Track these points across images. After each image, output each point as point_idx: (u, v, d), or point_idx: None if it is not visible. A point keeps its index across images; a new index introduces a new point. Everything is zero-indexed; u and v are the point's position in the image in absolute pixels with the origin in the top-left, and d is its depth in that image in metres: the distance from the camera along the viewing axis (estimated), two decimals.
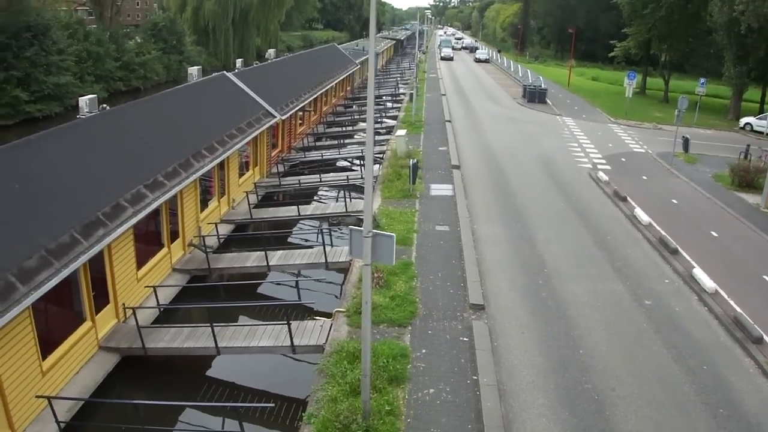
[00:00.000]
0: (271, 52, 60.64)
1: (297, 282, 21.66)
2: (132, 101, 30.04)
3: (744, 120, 59.79)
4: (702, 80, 59.16)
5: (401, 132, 39.61)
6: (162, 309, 21.65)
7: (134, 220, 20.12)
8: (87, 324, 18.47)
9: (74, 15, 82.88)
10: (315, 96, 50.10)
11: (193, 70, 40.50)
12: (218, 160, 27.63)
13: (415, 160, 30.90)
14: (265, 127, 35.06)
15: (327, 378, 16.19)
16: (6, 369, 14.68)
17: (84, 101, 27.93)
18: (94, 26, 79.34)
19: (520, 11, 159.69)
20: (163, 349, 18.89)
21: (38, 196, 18.08)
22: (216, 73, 39.66)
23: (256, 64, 52.52)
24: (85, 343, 18.26)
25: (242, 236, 29.82)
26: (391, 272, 21.75)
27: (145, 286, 22.12)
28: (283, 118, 38.81)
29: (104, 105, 29.95)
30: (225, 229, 28.92)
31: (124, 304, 20.33)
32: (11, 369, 14.86)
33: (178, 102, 31.10)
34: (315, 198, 37.00)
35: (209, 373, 19.87)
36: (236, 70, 41.55)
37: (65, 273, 16.22)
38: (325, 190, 38.24)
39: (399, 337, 18.36)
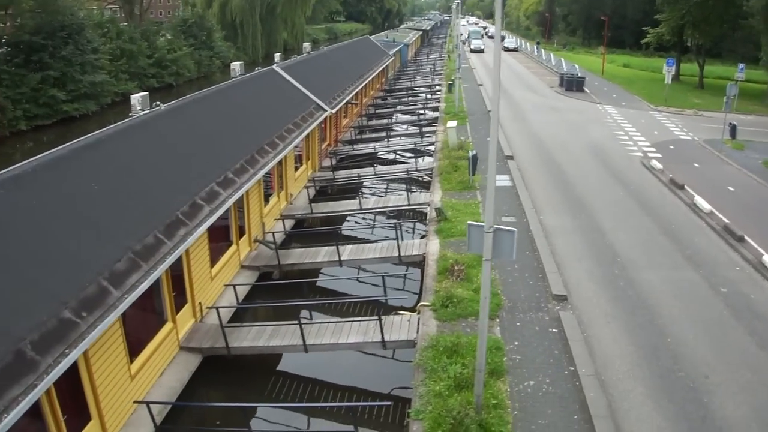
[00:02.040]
0: (307, 45, 60.47)
1: (383, 277, 21.39)
2: (188, 97, 29.95)
3: None
4: (741, 66, 58.31)
5: (452, 123, 39.36)
6: (242, 307, 21.72)
7: (212, 219, 20.07)
8: (169, 325, 18.37)
9: (104, 13, 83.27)
10: (358, 89, 50.00)
11: (236, 66, 40.47)
12: (280, 156, 27.67)
13: (475, 152, 30.70)
14: (318, 121, 35.10)
15: (427, 373, 16.14)
16: (100, 374, 14.54)
17: (137, 99, 27.84)
18: (125, 24, 79.63)
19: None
20: (247, 348, 18.71)
21: (117, 197, 18.02)
22: (265, 68, 39.59)
23: (296, 57, 52.53)
24: (167, 344, 18.15)
25: (307, 231, 29.82)
26: (468, 264, 21.67)
27: (225, 285, 22.18)
28: (333, 111, 38.76)
29: (157, 102, 29.98)
30: (286, 225, 28.93)
31: (200, 303, 20.29)
32: (105, 374, 14.73)
33: (234, 97, 31.13)
34: (371, 191, 36.76)
35: (285, 369, 19.94)
36: (276, 63, 41.44)
37: (155, 275, 16.09)
38: (381, 183, 37.88)
39: (489, 330, 18.25)
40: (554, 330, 18.66)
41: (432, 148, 41.57)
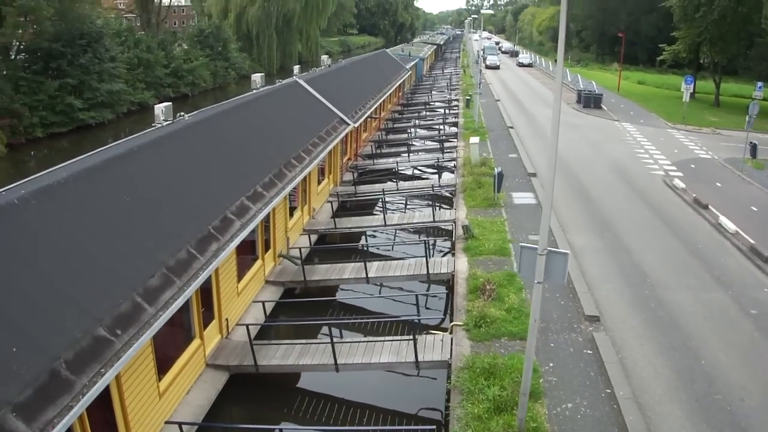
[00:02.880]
0: (325, 57, 60.56)
1: (417, 296, 21.19)
2: (214, 108, 29.88)
3: None
4: (759, 84, 57.92)
5: (474, 140, 39.32)
6: (271, 325, 21.53)
7: (244, 234, 19.84)
8: (196, 341, 18.00)
9: (122, 21, 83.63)
10: (378, 102, 49.99)
11: (257, 77, 40.42)
12: (308, 170, 27.54)
13: (500, 169, 30.58)
14: (342, 135, 35.06)
15: (464, 395, 15.96)
16: (130, 393, 14.15)
17: (160, 109, 27.76)
18: (142, 33, 79.90)
19: (558, 14, 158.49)
20: (276, 366, 18.41)
21: (148, 209, 17.69)
22: (287, 79, 39.59)
23: (316, 69, 52.56)
24: (194, 361, 17.77)
25: (332, 248, 29.70)
26: (498, 284, 21.53)
27: (254, 301, 22.02)
28: (356, 125, 38.72)
29: (182, 113, 29.90)
30: (309, 240, 28.76)
31: (227, 319, 20.01)
32: (134, 392, 14.35)
33: (260, 109, 30.99)
34: (393, 206, 36.33)
35: (309, 387, 19.73)
36: (296, 75, 41.40)
37: (189, 292, 15.76)
38: (403, 199, 37.64)
39: (523, 350, 18.03)
40: (589, 351, 18.50)
41: (452, 164, 41.37)
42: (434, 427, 15.22)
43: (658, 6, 79.72)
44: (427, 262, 23.87)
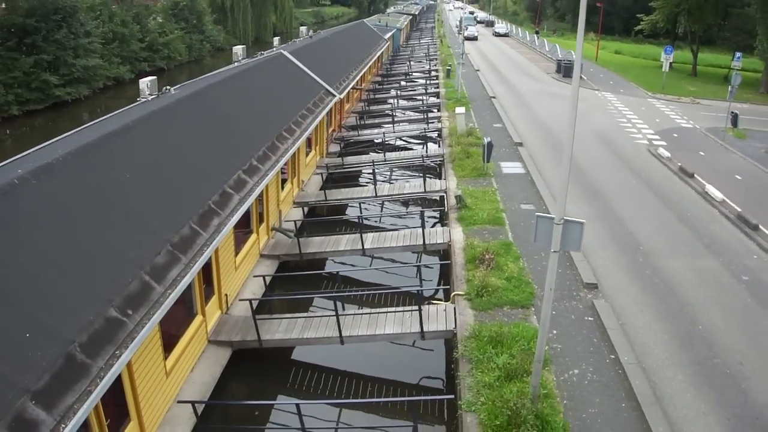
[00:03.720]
0: (303, 29, 60.20)
1: (419, 268, 21.30)
2: (204, 81, 29.64)
3: None
4: (738, 54, 58.29)
5: (460, 110, 39.33)
6: (274, 299, 21.56)
7: (243, 208, 19.68)
8: (198, 318, 17.74)
9: None
10: (361, 73, 49.75)
11: (238, 49, 40.25)
12: (299, 142, 27.38)
13: (489, 139, 30.62)
14: (329, 106, 34.88)
15: (473, 364, 16.09)
16: (140, 373, 13.87)
17: (145, 83, 27.56)
18: (115, 6, 78.61)
19: None
20: (279, 340, 18.32)
21: (149, 186, 17.42)
22: (273, 52, 39.28)
23: (297, 41, 52.20)
24: (197, 338, 17.55)
25: (326, 220, 29.76)
26: (497, 253, 21.65)
27: (254, 276, 21.95)
28: (341, 96, 38.55)
29: (167, 87, 29.60)
30: (299, 212, 28.66)
31: (226, 295, 19.85)
32: (144, 372, 14.08)
33: (249, 81, 30.72)
34: (382, 177, 35.97)
35: (307, 360, 19.77)
36: (276, 47, 41.04)
37: (196, 269, 15.56)
38: (390, 170, 37.59)
39: (526, 319, 18.30)
40: (590, 318, 18.75)
41: (437, 134, 41.32)
42: (453, 396, 15.33)
43: None
44: (423, 233, 23.89)
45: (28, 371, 10.23)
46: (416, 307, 18.01)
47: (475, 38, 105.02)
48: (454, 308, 18.84)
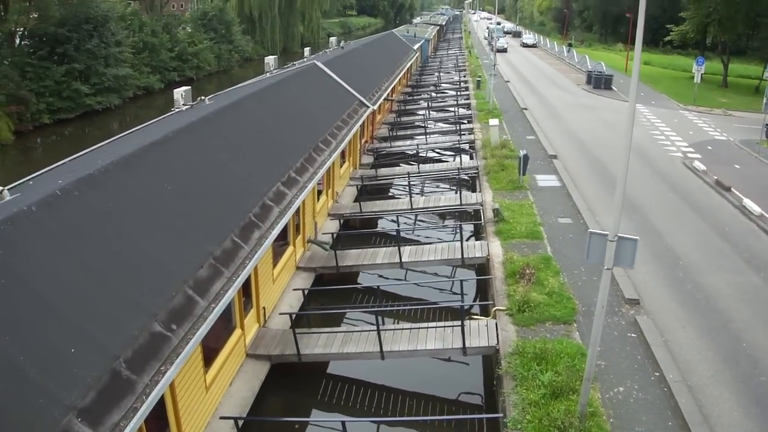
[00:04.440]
0: (333, 40, 60.36)
1: (461, 282, 21.11)
2: (237, 91, 29.70)
3: None
4: None
5: (494, 122, 39.12)
6: (311, 313, 21.47)
7: (284, 221, 19.66)
8: (237, 332, 17.63)
9: (129, 4, 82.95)
10: (393, 84, 49.75)
11: (270, 60, 40.45)
12: (336, 154, 27.39)
13: (525, 152, 30.43)
14: (363, 117, 34.85)
15: (517, 381, 15.91)
16: (181, 388, 13.77)
17: (179, 93, 27.70)
18: (145, 16, 79.28)
19: None
20: (319, 355, 18.17)
21: (190, 197, 17.38)
22: (306, 62, 39.35)
23: (327, 51, 52.30)
24: (236, 352, 17.45)
25: (362, 233, 29.54)
26: (536, 267, 21.46)
27: (294, 289, 21.84)
28: (374, 108, 38.53)
29: (201, 97, 29.69)
30: (334, 224, 28.59)
31: (264, 308, 19.73)
32: (185, 387, 14.00)
33: (283, 92, 30.70)
34: (416, 190, 35.66)
35: (345, 374, 19.60)
36: (307, 58, 41.00)
37: (238, 282, 15.47)
38: (424, 182, 37.39)
39: (568, 335, 18.09)
40: (633, 335, 18.50)
41: (469, 146, 41.15)
42: (501, 414, 15.14)
43: None
44: (461, 247, 23.71)
45: (73, 388, 10.11)
46: (458, 323, 17.85)
47: (505, 50, 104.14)
48: (496, 324, 18.64)
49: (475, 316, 19.76)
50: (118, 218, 14.60)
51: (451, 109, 54.61)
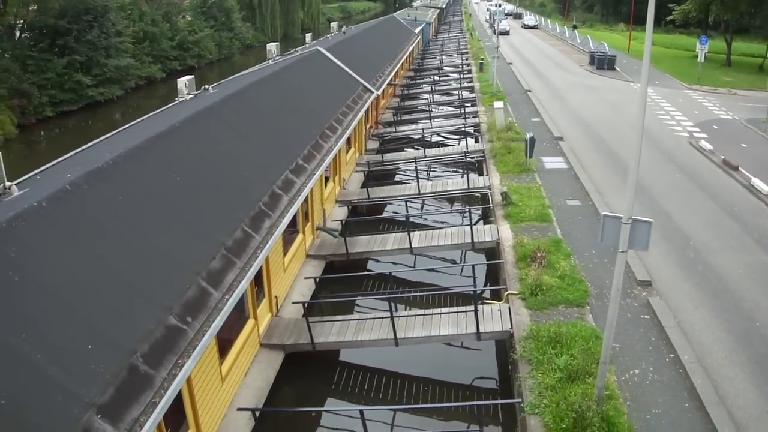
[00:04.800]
0: (334, 25, 60.09)
1: (473, 267, 21.12)
2: (240, 79, 29.56)
3: None
4: None
5: (499, 104, 38.93)
6: (325, 301, 21.38)
7: (294, 209, 19.58)
8: (251, 322, 17.53)
9: None
10: (396, 68, 49.56)
11: (272, 47, 40.25)
12: (342, 140, 27.29)
13: (532, 134, 30.28)
14: (368, 103, 34.74)
15: (533, 365, 15.89)
16: (198, 380, 13.70)
17: (183, 83, 27.60)
18: (144, 5, 78.86)
19: None
20: (333, 343, 18.15)
21: (199, 188, 17.29)
22: (309, 48, 39.18)
23: (330, 36, 52.11)
24: (250, 342, 17.35)
25: (370, 219, 29.42)
26: (547, 250, 21.38)
27: (306, 278, 21.80)
28: (379, 93, 38.39)
29: (205, 86, 29.59)
30: (342, 211, 28.50)
31: (276, 297, 19.64)
32: (201, 379, 13.92)
33: (287, 79, 30.56)
34: (423, 175, 35.09)
35: (358, 362, 19.56)
36: (309, 44, 40.80)
37: (251, 273, 15.41)
38: (432, 167, 37.24)
39: (582, 318, 18.06)
40: (646, 317, 18.47)
41: (473, 129, 41.00)
42: (519, 399, 15.11)
43: None
44: (471, 230, 23.61)
45: (92, 384, 10.06)
46: (471, 308, 17.79)
47: (507, 33, 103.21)
48: (509, 308, 18.60)
49: (487, 301, 19.60)
50: (128, 211, 14.52)
51: (455, 92, 54.32)
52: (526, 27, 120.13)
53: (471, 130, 40.82)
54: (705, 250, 23.16)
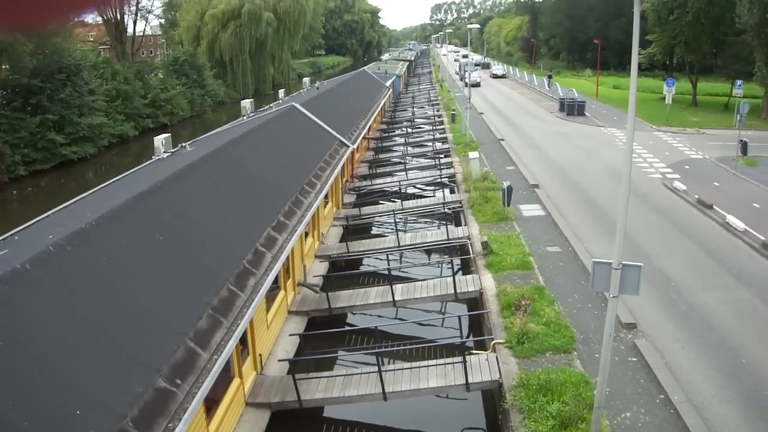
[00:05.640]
0: (306, 80, 60.65)
1: (459, 318, 21.08)
2: (217, 136, 29.64)
3: None
4: (739, 82, 58.85)
5: (474, 154, 39.27)
6: (315, 358, 21.18)
7: (277, 266, 19.53)
8: (236, 381, 17.20)
9: (100, 53, 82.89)
10: (369, 122, 49.92)
11: (246, 103, 40.87)
12: (321, 196, 27.35)
13: (509, 183, 30.54)
14: (344, 157, 34.90)
15: (524, 413, 15.83)
16: None
17: (160, 141, 27.82)
18: (116, 64, 79.21)
19: (527, 24, 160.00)
20: (320, 399, 17.88)
21: (183, 247, 17.32)
22: (284, 104, 39.49)
23: (303, 92, 52.52)
24: (236, 402, 16.98)
25: (353, 273, 29.11)
26: (529, 297, 21.46)
27: (290, 335, 21.65)
28: (354, 147, 38.62)
29: (182, 143, 29.75)
30: (321, 266, 28.41)
31: (260, 355, 19.44)
32: None
33: (265, 135, 30.83)
34: (401, 227, 35.10)
35: (345, 417, 19.43)
36: (283, 99, 41.15)
37: (239, 332, 15.26)
38: (408, 219, 37.32)
39: (570, 363, 18.08)
40: (633, 359, 18.55)
41: (448, 180, 41.26)
42: None
43: (626, 11, 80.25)
44: (454, 282, 23.66)
45: None
46: (459, 359, 17.78)
47: (478, 84, 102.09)
48: (497, 357, 18.55)
49: (474, 351, 19.56)
50: (113, 272, 14.47)
51: (429, 143, 54.68)
52: (495, 76, 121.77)
53: (447, 180, 41.02)
54: (687, 290, 23.37)
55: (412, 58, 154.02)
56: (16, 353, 10.71)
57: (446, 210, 34.77)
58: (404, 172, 44.45)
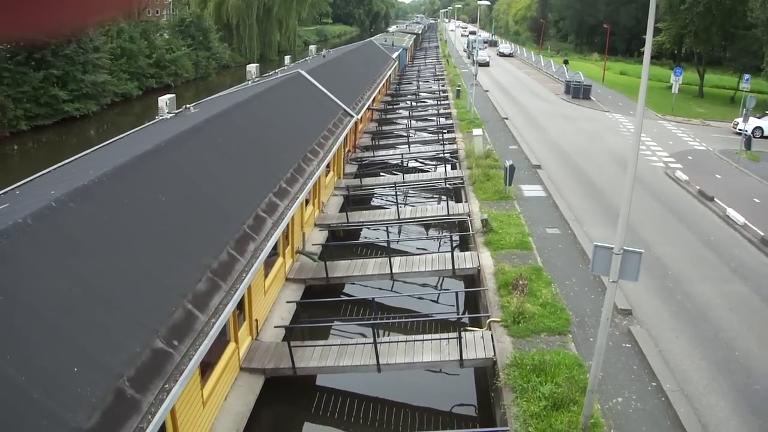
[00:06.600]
0: (312, 48, 60.34)
1: (456, 294, 21.07)
2: (222, 99, 29.50)
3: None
4: (747, 76, 58.47)
5: (478, 131, 39.16)
6: (310, 326, 21.23)
7: (278, 232, 19.49)
8: (232, 345, 17.18)
9: None
10: (375, 93, 49.71)
11: (252, 68, 40.45)
12: (324, 164, 27.27)
13: (512, 162, 30.45)
14: (348, 127, 34.77)
15: (517, 393, 15.90)
16: (181, 404, 13.22)
17: (164, 101, 27.58)
18: (122, 22, 78.54)
19: (536, 3, 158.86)
20: (314, 368, 17.99)
21: (184, 209, 17.25)
22: (290, 71, 39.24)
23: (309, 59, 52.21)
24: (231, 366, 17.02)
25: (351, 243, 29.20)
26: (527, 277, 21.48)
27: (287, 302, 21.64)
28: (359, 117, 38.47)
29: (187, 105, 29.53)
30: (320, 234, 28.40)
31: (257, 320, 19.46)
32: (184, 404, 13.54)
33: (270, 101, 30.64)
34: (402, 200, 35.07)
35: (338, 386, 19.52)
36: (287, 66, 40.91)
37: (237, 296, 15.28)
38: (409, 192, 37.30)
39: (564, 346, 18.12)
40: (627, 345, 18.60)
41: (450, 155, 41.13)
42: (507, 427, 15.07)
43: None
44: (452, 258, 23.66)
45: (78, 408, 9.86)
46: (454, 335, 17.79)
47: (487, 64, 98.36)
48: (492, 335, 18.58)
49: (469, 328, 19.60)
50: (114, 231, 14.42)
51: (432, 118, 54.40)
52: (502, 55, 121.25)
53: (449, 156, 40.89)
54: (684, 280, 23.41)
55: (420, 32, 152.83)
56: (14, 309, 10.66)
57: (447, 185, 34.69)
58: (407, 146, 44.25)
